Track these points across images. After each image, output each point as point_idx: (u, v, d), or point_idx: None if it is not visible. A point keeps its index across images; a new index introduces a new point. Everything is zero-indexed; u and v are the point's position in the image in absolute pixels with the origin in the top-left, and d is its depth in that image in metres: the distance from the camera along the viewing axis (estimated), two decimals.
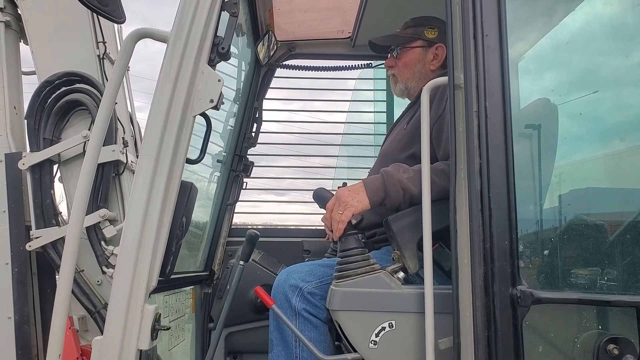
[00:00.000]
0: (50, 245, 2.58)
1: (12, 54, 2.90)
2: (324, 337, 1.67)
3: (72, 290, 2.54)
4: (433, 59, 2.09)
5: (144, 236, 1.39)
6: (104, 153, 2.65)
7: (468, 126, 1.36)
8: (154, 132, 1.43)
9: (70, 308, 2.61)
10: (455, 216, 1.38)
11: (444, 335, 1.42)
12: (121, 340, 1.35)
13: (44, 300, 2.71)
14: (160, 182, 1.42)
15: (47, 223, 2.61)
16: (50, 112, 2.71)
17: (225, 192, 2.63)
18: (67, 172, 2.75)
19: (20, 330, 2.51)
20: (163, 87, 1.45)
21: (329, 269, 1.72)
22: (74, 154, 2.72)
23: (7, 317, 2.51)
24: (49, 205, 2.65)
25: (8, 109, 2.81)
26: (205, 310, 2.41)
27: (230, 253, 2.63)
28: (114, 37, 3.02)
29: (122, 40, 3.15)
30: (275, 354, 1.70)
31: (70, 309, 2.61)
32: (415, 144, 1.84)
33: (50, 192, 2.70)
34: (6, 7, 2.80)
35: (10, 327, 2.50)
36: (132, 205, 1.41)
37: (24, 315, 2.54)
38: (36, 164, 2.65)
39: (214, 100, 1.49)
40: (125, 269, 1.38)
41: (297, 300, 1.66)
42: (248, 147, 2.77)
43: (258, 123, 2.79)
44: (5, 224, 2.63)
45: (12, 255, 2.59)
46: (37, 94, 2.74)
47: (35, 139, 2.71)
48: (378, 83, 3.22)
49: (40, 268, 2.72)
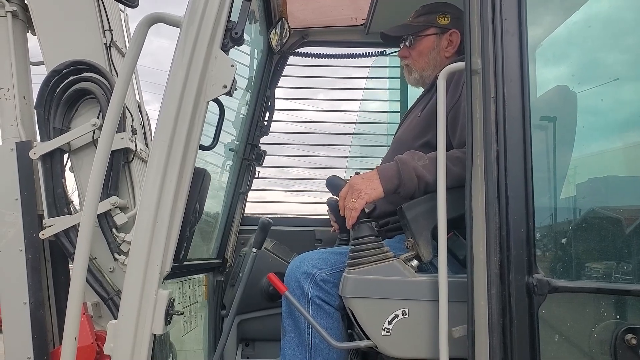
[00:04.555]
0: (63, 234, 2.59)
1: (20, 45, 2.89)
2: (337, 324, 1.67)
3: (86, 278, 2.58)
4: (447, 46, 2.06)
5: (158, 222, 1.39)
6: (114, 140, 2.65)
7: (485, 112, 1.34)
8: (167, 118, 1.42)
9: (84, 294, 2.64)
10: (471, 204, 1.37)
11: (457, 324, 1.41)
12: (135, 324, 1.35)
13: (58, 287, 2.73)
14: (174, 168, 1.41)
15: (59, 212, 2.63)
16: (59, 102, 2.71)
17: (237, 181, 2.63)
18: (78, 161, 2.76)
19: (36, 316, 2.54)
20: (176, 72, 1.44)
21: (341, 257, 1.71)
22: (83, 143, 2.72)
23: (23, 303, 2.53)
24: (60, 194, 2.66)
25: (18, 99, 2.81)
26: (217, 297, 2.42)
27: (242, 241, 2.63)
28: (120, 25, 3.02)
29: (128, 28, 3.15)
30: (287, 340, 1.70)
31: (84, 296, 2.63)
32: (429, 131, 1.82)
33: (62, 181, 2.71)
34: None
35: (25, 312, 2.53)
36: (146, 191, 1.41)
37: (39, 301, 2.57)
38: (47, 153, 2.66)
39: (227, 85, 1.47)
40: (139, 254, 1.38)
41: (309, 287, 1.65)
42: (260, 136, 2.76)
43: (270, 111, 2.78)
44: (18, 212, 2.64)
45: (25, 242, 2.61)
46: (45, 83, 2.74)
47: (45, 128, 2.71)
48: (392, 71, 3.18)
49: (54, 255, 2.74)
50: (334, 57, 2.79)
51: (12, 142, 2.71)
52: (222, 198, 2.65)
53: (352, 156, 3.10)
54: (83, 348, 2.33)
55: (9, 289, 2.59)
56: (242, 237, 2.66)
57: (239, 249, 2.58)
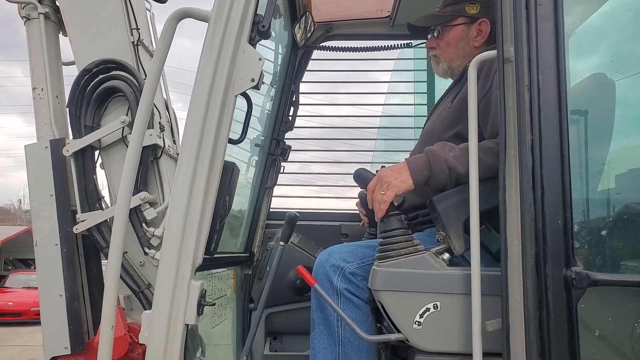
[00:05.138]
0: (95, 228, 2.65)
1: (52, 46, 2.97)
2: (367, 317, 1.66)
3: None
4: (477, 35, 2.02)
5: (189, 214, 1.41)
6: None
7: (519, 101, 1.31)
8: (197, 112, 1.44)
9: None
10: (505, 195, 1.34)
11: (490, 317, 1.38)
12: (169, 314, 1.38)
13: (91, 280, 2.80)
14: (204, 162, 1.43)
15: (91, 207, 2.69)
16: (89, 100, 2.77)
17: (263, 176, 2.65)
18: (108, 157, 2.82)
19: (71, 307, 2.61)
20: (205, 67, 1.45)
21: (370, 250, 1.70)
22: (113, 140, 2.78)
23: (59, 295, 2.61)
24: (92, 190, 2.72)
25: (51, 98, 2.88)
26: (245, 290, 2.44)
27: (269, 235, 2.64)
28: (146, 24, 3.06)
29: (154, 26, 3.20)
30: (317, 332, 1.70)
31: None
32: (460, 122, 1.79)
33: (93, 177, 2.77)
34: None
35: (62, 304, 2.60)
36: (177, 185, 1.43)
37: (74, 293, 2.64)
38: (79, 150, 2.72)
39: (254, 79, 1.48)
40: (172, 246, 1.40)
41: (338, 280, 1.65)
42: (285, 131, 2.76)
43: (295, 106, 2.78)
44: (53, 207, 2.72)
45: (60, 237, 2.68)
46: (76, 82, 2.80)
47: (77, 126, 2.78)
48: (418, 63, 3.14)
49: (86, 249, 2.81)
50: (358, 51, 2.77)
51: (47, 140, 2.79)
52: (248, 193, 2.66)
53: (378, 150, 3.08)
54: (116, 339, 2.36)
55: (46, 281, 2.67)
56: (269, 232, 2.67)
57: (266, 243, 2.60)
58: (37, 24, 2.90)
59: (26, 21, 2.95)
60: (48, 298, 2.67)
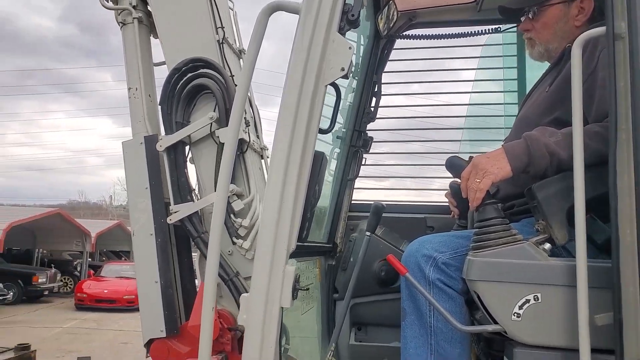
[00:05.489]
0: (187, 219, 2.80)
1: (145, 48, 3.18)
2: (460, 308, 1.62)
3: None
4: (578, 14, 1.88)
5: (284, 202, 1.44)
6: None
7: (634, 81, 1.22)
8: (289, 103, 1.47)
9: (204, 274, 2.84)
10: (616, 180, 1.25)
11: (597, 311, 1.30)
12: (265, 298, 1.42)
13: (182, 268, 2.97)
14: (297, 152, 1.46)
15: (183, 199, 2.84)
16: (179, 97, 2.93)
17: (345, 168, 2.66)
18: (197, 152, 2.96)
19: (166, 293, 2.78)
20: (297, 58, 1.48)
21: (463, 240, 1.66)
22: (202, 135, 2.92)
23: (155, 281, 2.79)
24: (184, 183, 2.88)
25: (144, 97, 3.09)
26: (329, 281, 2.48)
27: (351, 227, 2.66)
28: (230, 22, 3.18)
29: (237, 24, 3.31)
30: (408, 322, 1.69)
31: (204, 275, 2.84)
32: (559, 107, 1.68)
33: (184, 170, 2.93)
34: (138, 4, 3.06)
35: (157, 290, 2.78)
36: (272, 174, 1.47)
37: (168, 280, 2.81)
38: (171, 146, 2.89)
39: (344, 68, 1.49)
40: (267, 233, 1.45)
41: (430, 270, 1.62)
42: (367, 122, 2.76)
43: (377, 97, 2.76)
44: (148, 200, 2.91)
45: (155, 227, 2.86)
46: (167, 81, 2.97)
47: (169, 122, 2.95)
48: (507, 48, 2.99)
49: (178, 239, 2.98)
50: (443, 38, 2.69)
51: (141, 136, 2.99)
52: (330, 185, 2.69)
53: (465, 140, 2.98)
54: None
55: (143, 268, 2.87)
56: (351, 223, 2.68)
57: (349, 234, 2.61)
58: (131, 28, 3.11)
59: (122, 26, 3.17)
60: (145, 284, 2.86)
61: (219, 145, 2.84)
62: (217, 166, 2.81)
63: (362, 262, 2.07)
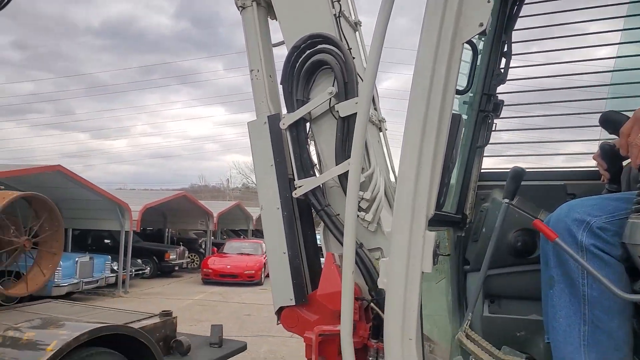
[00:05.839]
0: (311, 193, 2.90)
1: (264, 30, 3.31)
2: (619, 276, 1.48)
3: (332, 231, 2.85)
4: None
5: (421, 166, 1.42)
6: (349, 106, 2.84)
7: None
8: (425, 64, 1.44)
9: (330, 246, 2.93)
10: None
11: None
12: (406, 262, 1.42)
13: (306, 240, 3.09)
14: (434, 114, 1.42)
15: (306, 174, 2.94)
16: (299, 75, 3.01)
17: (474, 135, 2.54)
18: (317, 128, 3.04)
19: (294, 264, 2.92)
20: (432, 17, 1.44)
21: (620, 203, 1.50)
22: (321, 111, 2.99)
23: (283, 252, 2.94)
24: (306, 159, 2.98)
25: (266, 78, 3.22)
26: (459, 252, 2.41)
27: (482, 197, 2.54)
28: None
29: None
30: (557, 291, 1.58)
31: (330, 247, 2.93)
32: None
33: (306, 147, 3.02)
34: None
35: (285, 261, 2.93)
36: (408, 138, 1.45)
37: (295, 251, 2.94)
38: (293, 123, 2.99)
39: (483, 23, 1.41)
40: (406, 197, 1.44)
41: (583, 235, 1.50)
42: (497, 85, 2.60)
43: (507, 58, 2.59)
44: (274, 176, 3.06)
45: (281, 201, 3.01)
46: (287, 60, 3.07)
47: (290, 101, 3.05)
48: None
49: (301, 213, 3.10)
50: None
51: (264, 116, 3.13)
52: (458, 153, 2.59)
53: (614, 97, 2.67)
54: (336, 293, 2.57)
55: (272, 240, 3.03)
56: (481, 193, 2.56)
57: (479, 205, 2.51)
58: (250, 11, 3.25)
59: (241, 10, 3.32)
60: (274, 255, 3.03)
61: (338, 120, 2.88)
62: (337, 141, 2.86)
63: (500, 231, 1.97)
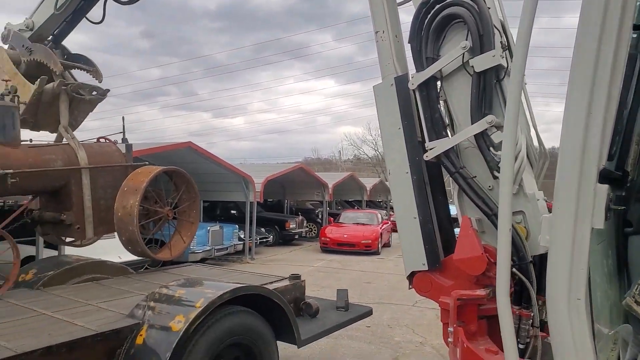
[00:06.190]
0: (444, 155, 2.81)
1: None
2: None
3: (468, 194, 2.74)
4: None
5: (593, 112, 1.28)
6: (485, 60, 2.66)
7: None
8: None
9: (465, 209, 2.82)
10: None
11: None
12: (574, 218, 1.31)
13: (437, 204, 3.00)
14: (608, 51, 1.26)
15: (438, 135, 2.85)
16: (428, 32, 2.89)
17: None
18: (449, 86, 2.91)
19: (425, 229, 2.87)
20: None
21: None
22: (454, 68, 2.84)
23: (413, 217, 2.90)
24: (437, 119, 2.88)
25: (391, 38, 3.13)
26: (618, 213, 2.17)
27: None
28: None
29: None
30: None
31: (465, 210, 2.82)
32: None
33: (437, 106, 2.91)
34: None
35: (417, 226, 2.89)
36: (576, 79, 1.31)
37: (427, 216, 2.88)
38: (422, 83, 2.90)
39: None
40: (572, 148, 1.31)
41: None
42: None
43: None
44: (402, 139, 3.00)
45: (410, 165, 2.95)
46: (415, 17, 2.96)
47: (419, 59, 2.95)
48: None
49: (431, 177, 3.02)
50: None
51: (391, 78, 3.07)
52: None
53: None
54: (473, 258, 2.49)
55: (401, 206, 3.00)
56: None
57: None
58: None
59: None
60: (404, 220, 2.99)
61: (473, 75, 2.72)
62: (472, 98, 2.71)
63: None
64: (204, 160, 11.88)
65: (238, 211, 15.35)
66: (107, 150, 4.86)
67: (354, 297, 4.77)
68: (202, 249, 11.22)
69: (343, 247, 14.76)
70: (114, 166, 4.77)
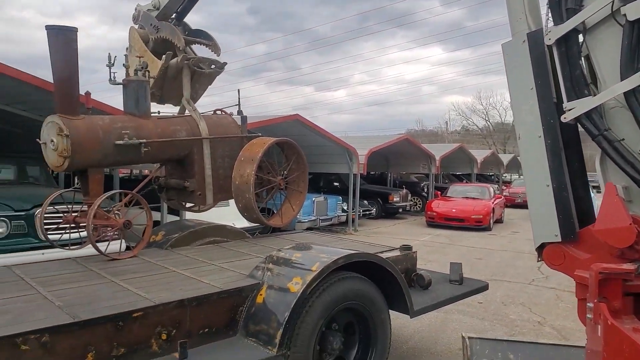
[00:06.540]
0: (584, 116, 2.51)
1: None
2: None
3: (613, 159, 2.43)
4: None
5: None
6: None
7: None
8: None
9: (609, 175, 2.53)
10: None
11: None
12: None
13: (572, 171, 2.71)
14: None
15: (579, 94, 2.55)
16: None
17: None
18: (594, 39, 2.57)
19: (560, 197, 2.62)
20: None
21: None
22: (600, 18, 2.51)
23: (546, 185, 2.65)
24: (578, 76, 2.57)
25: None
26: None
27: None
28: None
29: None
30: None
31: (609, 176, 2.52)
32: None
33: (579, 62, 2.60)
34: None
35: (549, 194, 2.65)
36: None
37: (562, 183, 2.63)
38: (561, 37, 2.60)
39: None
40: None
41: None
42: None
43: None
44: (534, 100, 2.73)
45: (543, 128, 2.69)
46: None
47: (557, 11, 2.64)
48: None
49: (567, 140, 2.73)
50: None
51: (523, 34, 2.78)
52: None
53: None
54: (622, 229, 2.23)
55: (532, 172, 2.76)
56: None
57: None
58: None
59: None
60: (535, 188, 2.75)
61: (625, 25, 2.37)
62: (624, 51, 2.37)
63: None
64: (309, 132, 12.08)
65: (341, 183, 15.48)
66: (224, 121, 5.10)
67: (463, 272, 4.57)
68: (308, 219, 11.55)
69: (451, 221, 14.26)
70: (232, 137, 4.99)
